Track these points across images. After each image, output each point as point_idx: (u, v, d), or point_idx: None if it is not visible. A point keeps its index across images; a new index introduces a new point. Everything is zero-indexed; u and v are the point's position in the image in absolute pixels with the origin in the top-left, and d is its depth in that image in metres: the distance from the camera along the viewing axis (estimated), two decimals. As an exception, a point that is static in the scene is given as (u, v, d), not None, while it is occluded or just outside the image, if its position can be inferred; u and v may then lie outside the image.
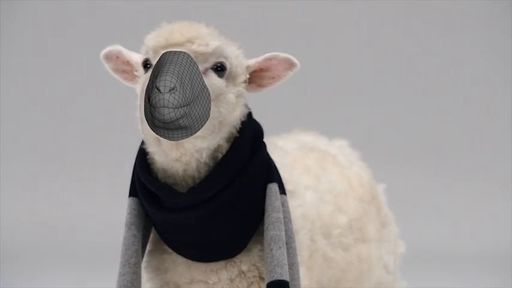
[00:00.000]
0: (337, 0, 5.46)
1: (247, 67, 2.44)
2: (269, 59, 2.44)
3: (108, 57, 2.48)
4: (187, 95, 2.14)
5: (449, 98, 5.46)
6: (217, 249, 2.39)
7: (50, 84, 5.47)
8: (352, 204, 2.81)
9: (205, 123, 2.22)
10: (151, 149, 2.35)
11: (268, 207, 2.39)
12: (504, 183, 5.26)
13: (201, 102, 2.19)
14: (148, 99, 2.15)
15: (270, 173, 2.45)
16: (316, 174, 2.75)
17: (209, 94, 2.24)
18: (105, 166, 5.28)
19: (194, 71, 2.21)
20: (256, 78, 2.45)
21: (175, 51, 2.23)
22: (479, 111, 5.44)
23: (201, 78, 2.23)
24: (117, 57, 2.48)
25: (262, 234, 2.41)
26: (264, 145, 2.46)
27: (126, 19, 5.37)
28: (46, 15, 5.49)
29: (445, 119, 5.43)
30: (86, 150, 5.37)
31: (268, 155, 2.47)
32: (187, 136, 2.19)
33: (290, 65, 2.44)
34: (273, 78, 2.46)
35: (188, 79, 2.17)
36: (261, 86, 2.47)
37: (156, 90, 2.12)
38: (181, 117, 2.14)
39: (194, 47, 2.28)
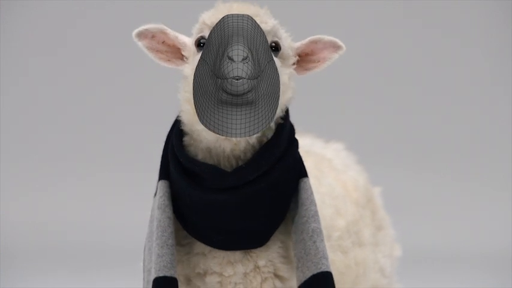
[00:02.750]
0: (333, 2, 5.45)
1: (295, 49, 2.43)
2: (314, 42, 2.43)
3: (143, 35, 2.42)
4: (256, 66, 2.12)
5: (446, 100, 5.47)
6: (245, 237, 2.38)
7: (50, 87, 5.46)
8: (349, 207, 2.81)
9: (273, 102, 2.18)
10: (201, 127, 2.30)
11: (306, 201, 2.40)
12: (501, 184, 5.28)
13: (268, 76, 2.17)
14: (215, 72, 2.12)
15: (302, 168, 2.46)
16: (316, 176, 2.76)
17: (276, 69, 2.23)
18: (106, 168, 5.29)
19: (260, 38, 2.20)
20: (301, 61, 2.44)
21: (239, 15, 2.22)
22: (476, 113, 5.45)
23: (268, 48, 2.23)
24: (153, 36, 2.42)
25: (283, 231, 2.43)
26: (296, 141, 2.46)
27: (127, 19, 5.34)
28: (46, 15, 5.48)
29: (442, 121, 5.45)
30: (86, 152, 5.38)
31: (299, 152, 2.47)
32: (249, 128, 2.14)
33: (336, 47, 2.43)
34: (318, 61, 2.45)
35: (256, 48, 2.15)
36: (306, 69, 2.46)
37: (227, 59, 2.10)
38: (251, 90, 2.12)
39: None
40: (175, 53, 2.45)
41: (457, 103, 5.44)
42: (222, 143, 2.33)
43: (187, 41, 2.43)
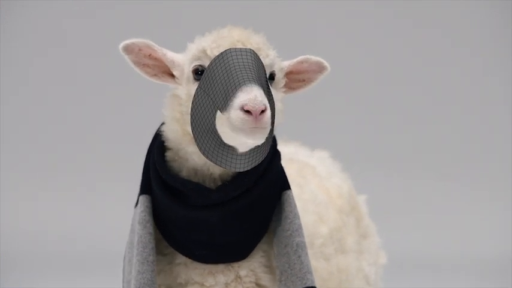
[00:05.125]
0: (321, 6, 5.43)
1: (284, 70, 2.43)
2: (301, 62, 2.45)
3: (129, 48, 2.39)
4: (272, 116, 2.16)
5: (433, 106, 5.44)
6: (227, 251, 2.40)
7: (53, 92, 5.45)
8: (332, 214, 2.83)
9: (270, 133, 2.22)
10: (191, 149, 2.33)
11: (289, 214, 2.42)
12: (490, 189, 5.27)
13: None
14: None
15: (285, 180, 2.48)
16: (298, 184, 2.78)
17: (273, 99, 2.25)
18: (106, 174, 5.29)
19: (262, 73, 2.23)
20: (288, 80, 2.45)
21: (242, 50, 2.23)
22: (467, 117, 5.42)
23: (266, 80, 2.25)
24: (140, 50, 2.41)
25: (265, 241, 2.45)
26: (279, 153, 2.48)
27: (128, 19, 5.36)
28: (47, 16, 5.48)
29: (430, 128, 5.42)
30: (87, 158, 5.38)
31: (281, 163, 2.49)
32: (252, 162, 2.21)
33: (321, 68, 2.46)
34: (304, 81, 2.47)
35: (262, 86, 2.17)
36: (291, 88, 2.47)
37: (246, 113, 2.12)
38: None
39: None
40: (162, 67, 2.44)
41: (445, 109, 5.42)
42: (211, 167, 2.35)
43: (177, 59, 2.41)
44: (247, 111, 2.12)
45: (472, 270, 4.75)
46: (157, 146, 2.44)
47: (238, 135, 2.15)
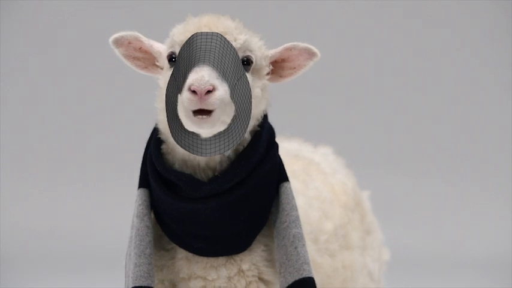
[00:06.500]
0: (322, 6, 5.43)
1: (269, 58, 2.42)
2: (289, 49, 2.44)
3: (119, 42, 2.41)
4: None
5: (436, 102, 5.45)
6: (225, 244, 2.40)
7: (52, 91, 5.45)
8: (337, 211, 2.82)
9: (244, 118, 2.22)
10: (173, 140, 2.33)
11: (286, 206, 2.42)
12: (490, 188, 5.27)
13: (238, 94, 2.20)
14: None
15: (282, 172, 2.47)
16: (303, 180, 2.78)
17: (248, 84, 2.26)
18: (106, 174, 5.29)
19: (230, 56, 2.21)
20: (276, 68, 2.45)
21: (208, 33, 2.23)
22: (469, 114, 5.42)
23: (239, 64, 2.25)
24: (129, 43, 2.42)
25: (266, 234, 2.45)
26: (276, 144, 2.47)
27: (129, 19, 5.36)
28: (46, 16, 5.48)
29: (433, 124, 5.44)
30: (87, 158, 5.38)
31: (279, 155, 2.48)
32: (220, 147, 2.21)
33: (310, 54, 2.44)
34: (294, 68, 2.45)
35: (224, 69, 2.17)
36: (282, 76, 2.46)
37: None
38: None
39: None
40: (152, 59, 2.46)
41: (448, 106, 5.42)
42: (197, 157, 2.35)
43: (162, 50, 2.43)
44: (194, 92, 2.13)
45: (472, 270, 4.75)
46: (154, 139, 2.45)
47: (187, 121, 2.18)
